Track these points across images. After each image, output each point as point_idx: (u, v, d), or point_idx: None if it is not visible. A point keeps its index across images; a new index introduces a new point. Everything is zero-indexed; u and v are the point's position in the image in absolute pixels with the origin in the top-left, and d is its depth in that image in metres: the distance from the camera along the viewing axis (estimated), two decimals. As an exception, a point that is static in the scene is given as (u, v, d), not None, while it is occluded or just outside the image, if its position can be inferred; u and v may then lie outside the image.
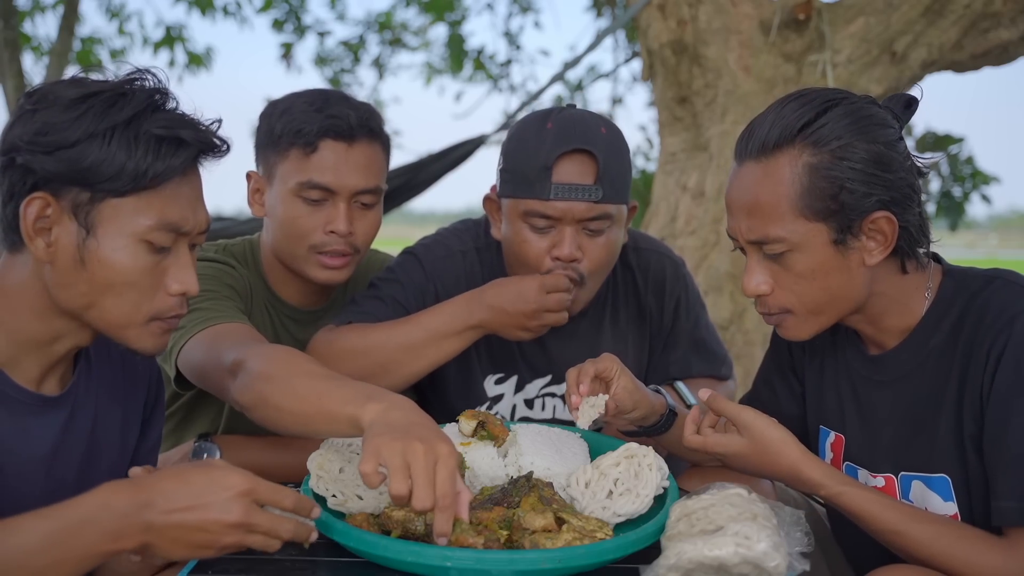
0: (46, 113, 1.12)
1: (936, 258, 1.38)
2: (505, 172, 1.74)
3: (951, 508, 1.30)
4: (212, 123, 1.22)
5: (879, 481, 1.38)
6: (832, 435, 1.46)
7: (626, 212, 1.78)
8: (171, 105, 1.18)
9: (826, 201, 1.25)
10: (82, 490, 1.27)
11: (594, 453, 1.47)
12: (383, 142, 1.75)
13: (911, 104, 1.34)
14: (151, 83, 1.18)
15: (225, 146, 1.23)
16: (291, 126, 1.67)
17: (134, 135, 1.13)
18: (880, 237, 1.27)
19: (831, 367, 1.47)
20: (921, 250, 1.32)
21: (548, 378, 1.91)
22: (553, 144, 1.66)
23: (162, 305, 1.20)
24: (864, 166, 1.24)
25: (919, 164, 1.31)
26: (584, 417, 1.42)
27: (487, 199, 1.83)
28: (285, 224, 1.71)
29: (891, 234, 1.26)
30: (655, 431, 1.57)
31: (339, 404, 1.21)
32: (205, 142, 1.19)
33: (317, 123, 1.65)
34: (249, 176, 1.79)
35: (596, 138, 1.68)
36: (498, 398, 1.90)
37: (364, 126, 1.69)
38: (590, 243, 1.70)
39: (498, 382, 1.90)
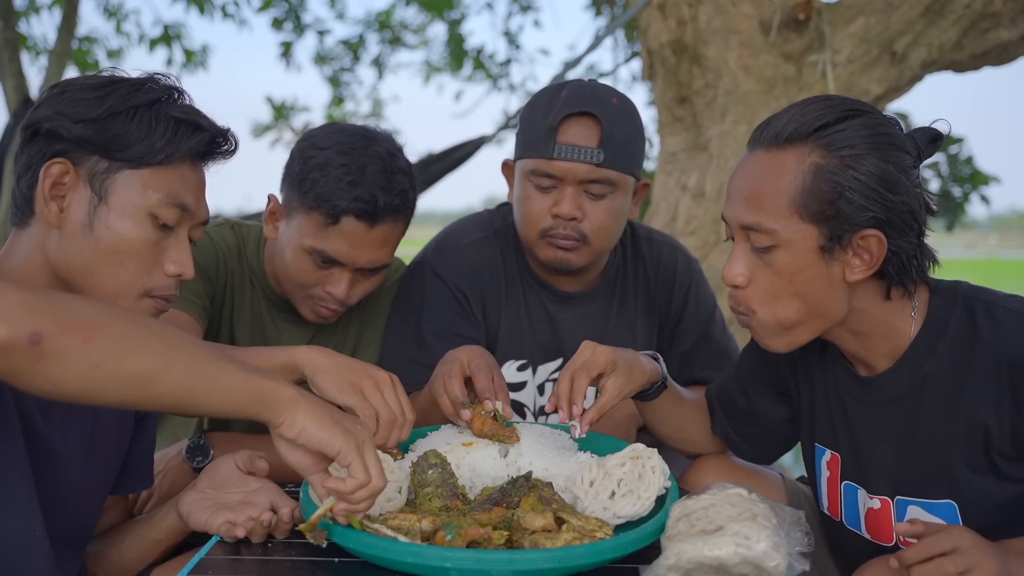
0: (74, 92, 1.20)
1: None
2: (518, 134, 1.82)
3: None
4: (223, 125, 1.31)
5: (875, 503, 1.37)
6: (828, 453, 1.46)
7: (633, 184, 1.81)
8: (188, 101, 1.27)
9: (823, 205, 1.24)
10: (84, 488, 1.26)
11: (597, 453, 1.47)
12: (407, 217, 1.73)
13: (936, 139, 1.32)
14: (169, 83, 1.27)
15: (233, 145, 1.31)
16: (320, 190, 1.64)
17: (155, 115, 1.22)
18: (867, 256, 1.26)
19: (821, 386, 1.46)
20: (911, 282, 1.29)
21: (559, 362, 1.92)
22: (562, 107, 1.73)
23: (157, 283, 1.25)
24: (869, 180, 1.23)
25: (929, 201, 1.29)
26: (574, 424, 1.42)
27: (505, 164, 1.91)
28: (290, 269, 1.72)
29: (878, 255, 1.25)
30: (645, 398, 1.58)
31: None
32: (219, 130, 1.29)
33: (346, 201, 1.63)
34: (270, 198, 1.78)
35: (604, 105, 1.74)
36: (521, 385, 1.90)
37: (390, 207, 1.66)
38: (592, 205, 1.76)
39: (520, 368, 1.90)
